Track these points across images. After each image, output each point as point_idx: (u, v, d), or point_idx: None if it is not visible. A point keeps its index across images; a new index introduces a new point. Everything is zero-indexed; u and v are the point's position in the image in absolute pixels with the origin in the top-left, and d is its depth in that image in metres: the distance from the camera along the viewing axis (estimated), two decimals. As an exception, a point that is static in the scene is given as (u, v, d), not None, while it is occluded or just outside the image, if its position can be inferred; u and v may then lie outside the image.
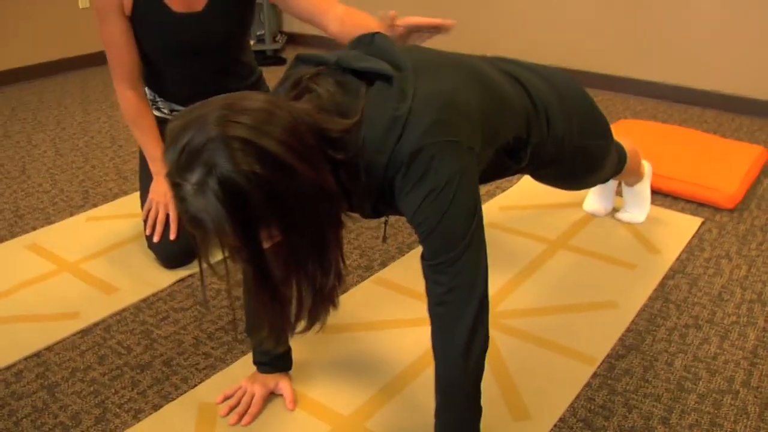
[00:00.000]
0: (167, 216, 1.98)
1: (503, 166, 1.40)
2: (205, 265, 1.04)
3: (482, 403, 1.24)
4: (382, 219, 2.22)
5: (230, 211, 0.93)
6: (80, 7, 4.24)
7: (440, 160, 1.09)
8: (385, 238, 1.78)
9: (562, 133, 1.47)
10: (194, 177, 0.93)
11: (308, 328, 1.11)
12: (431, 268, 1.14)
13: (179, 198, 0.96)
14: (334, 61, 1.16)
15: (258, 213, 0.95)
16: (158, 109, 2.13)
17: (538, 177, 1.71)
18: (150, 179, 2.04)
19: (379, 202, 1.20)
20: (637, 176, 2.15)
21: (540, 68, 1.52)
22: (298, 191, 0.97)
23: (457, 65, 1.24)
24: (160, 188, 1.98)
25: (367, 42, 1.23)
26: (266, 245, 1.01)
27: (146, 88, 2.09)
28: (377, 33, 1.23)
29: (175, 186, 0.96)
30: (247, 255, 0.98)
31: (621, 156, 1.90)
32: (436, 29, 1.63)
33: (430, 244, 1.12)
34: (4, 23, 3.94)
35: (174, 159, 0.95)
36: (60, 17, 4.18)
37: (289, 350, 1.52)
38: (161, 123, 2.06)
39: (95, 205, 2.45)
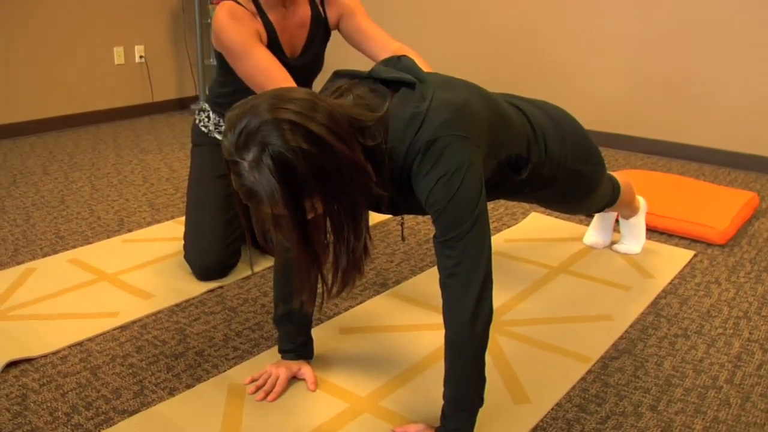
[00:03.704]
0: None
1: (505, 177, 1.59)
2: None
3: (485, 388, 1.38)
4: (399, 226, 2.39)
5: (281, 182, 1.12)
6: (115, 63, 4.54)
7: (452, 149, 1.28)
8: (403, 237, 1.96)
9: (558, 156, 1.67)
10: (250, 155, 1.12)
11: (341, 290, 1.29)
12: (442, 244, 1.31)
13: (237, 174, 1.15)
14: (366, 74, 1.38)
15: (304, 184, 1.14)
16: (221, 132, 2.32)
17: (539, 199, 1.89)
18: (203, 180, 2.22)
19: (397, 194, 1.38)
20: (631, 209, 2.33)
21: (539, 102, 1.75)
22: (337, 166, 1.16)
23: (470, 86, 1.45)
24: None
25: (395, 62, 1.45)
26: (309, 216, 1.19)
27: (212, 113, 2.27)
28: (404, 55, 1.46)
29: (234, 164, 1.15)
30: (294, 221, 1.16)
31: (615, 186, 2.09)
32: None
33: (441, 222, 1.30)
34: (44, 76, 4.23)
35: (233, 141, 1.14)
36: (96, 72, 4.47)
37: (311, 340, 1.68)
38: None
39: (130, 230, 2.64)
